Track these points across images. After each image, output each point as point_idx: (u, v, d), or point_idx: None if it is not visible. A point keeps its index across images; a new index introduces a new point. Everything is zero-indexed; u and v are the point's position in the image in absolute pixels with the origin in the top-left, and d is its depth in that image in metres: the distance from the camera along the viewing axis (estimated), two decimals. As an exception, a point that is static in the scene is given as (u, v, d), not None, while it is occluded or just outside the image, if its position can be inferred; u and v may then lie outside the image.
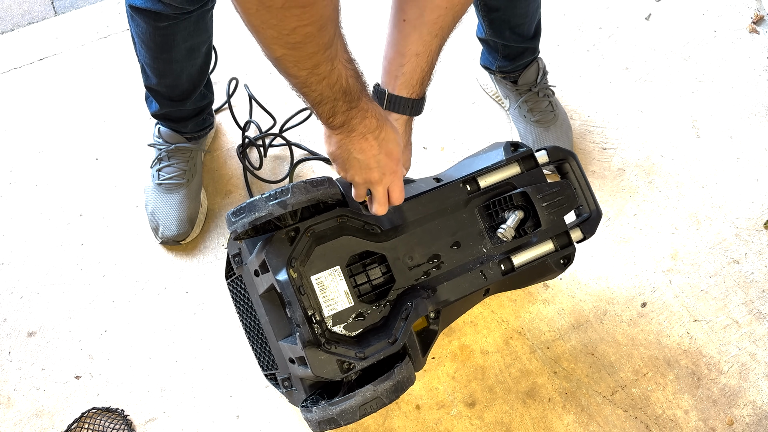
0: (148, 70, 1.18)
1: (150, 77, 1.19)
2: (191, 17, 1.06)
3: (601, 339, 1.23)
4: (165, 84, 1.19)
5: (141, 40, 1.11)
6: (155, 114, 1.27)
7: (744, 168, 1.39)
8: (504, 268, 1.01)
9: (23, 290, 1.27)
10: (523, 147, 1.05)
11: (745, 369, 1.20)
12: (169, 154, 1.30)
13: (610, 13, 1.61)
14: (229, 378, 1.19)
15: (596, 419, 1.16)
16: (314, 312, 0.90)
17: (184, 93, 1.22)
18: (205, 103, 1.30)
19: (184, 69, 1.16)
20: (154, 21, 1.04)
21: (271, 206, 0.87)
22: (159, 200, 1.29)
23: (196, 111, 1.29)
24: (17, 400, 1.17)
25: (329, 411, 0.88)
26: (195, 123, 1.31)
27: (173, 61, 1.13)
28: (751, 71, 1.52)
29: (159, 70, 1.16)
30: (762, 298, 1.26)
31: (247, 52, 1.51)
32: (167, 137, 1.30)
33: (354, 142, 0.82)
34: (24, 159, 1.41)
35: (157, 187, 1.30)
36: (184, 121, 1.29)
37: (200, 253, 1.30)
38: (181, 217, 1.28)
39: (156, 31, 1.07)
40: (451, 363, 1.20)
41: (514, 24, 1.27)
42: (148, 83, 1.21)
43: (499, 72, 1.39)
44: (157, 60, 1.13)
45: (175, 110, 1.25)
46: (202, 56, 1.18)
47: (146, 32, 1.08)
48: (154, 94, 1.23)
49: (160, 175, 1.30)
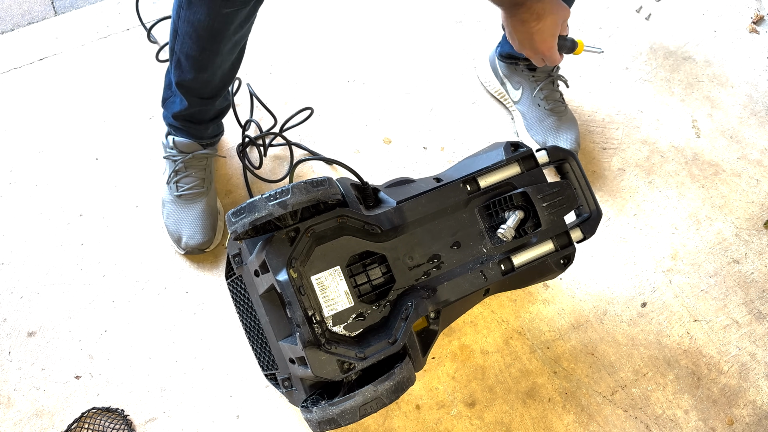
0: (187, 64, 1.14)
1: (186, 72, 1.15)
2: (249, 5, 1.05)
3: (601, 339, 1.23)
4: (201, 79, 1.16)
5: (194, 28, 1.07)
6: (178, 114, 1.24)
7: (744, 168, 1.39)
8: (504, 268, 1.01)
9: (23, 290, 1.27)
10: (523, 147, 1.05)
11: (745, 369, 1.20)
12: (186, 164, 1.29)
13: (610, 13, 1.61)
14: (229, 378, 1.19)
15: (596, 419, 1.16)
16: (314, 312, 0.90)
17: (214, 90, 1.20)
18: (225, 105, 1.29)
19: (223, 63, 1.14)
20: (219, 7, 1.02)
21: (271, 206, 0.87)
22: (180, 212, 1.28)
23: (218, 113, 1.28)
24: (17, 400, 1.17)
25: (329, 411, 0.88)
26: (214, 126, 1.30)
27: (219, 53, 1.11)
28: (751, 71, 1.52)
29: (201, 63, 1.13)
30: (762, 298, 1.26)
31: (247, 52, 1.51)
32: (183, 147, 1.28)
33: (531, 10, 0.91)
34: (24, 159, 1.40)
35: (177, 200, 1.29)
36: (205, 124, 1.27)
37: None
38: (205, 226, 1.27)
39: (217, 17, 1.04)
40: (451, 363, 1.20)
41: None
42: (182, 79, 1.17)
43: (525, 59, 1.40)
44: (204, 51, 1.10)
45: (201, 110, 1.23)
46: (238, 52, 1.16)
47: (204, 19, 1.05)
48: (185, 90, 1.19)
49: (179, 186, 1.29)
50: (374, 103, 1.49)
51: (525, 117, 1.42)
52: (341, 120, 1.46)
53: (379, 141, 1.44)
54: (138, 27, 1.57)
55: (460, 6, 1.61)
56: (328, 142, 1.43)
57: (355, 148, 1.43)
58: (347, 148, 1.43)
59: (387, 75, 1.53)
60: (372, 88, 1.51)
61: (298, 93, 1.49)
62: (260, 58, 1.52)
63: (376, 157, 1.42)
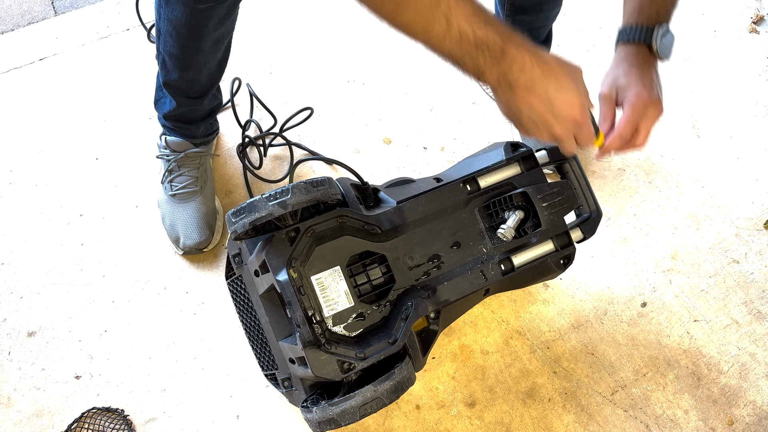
0: (170, 63, 1.15)
1: (171, 72, 1.16)
2: (226, 2, 1.05)
3: (601, 339, 1.23)
4: (186, 78, 1.17)
5: (173, 26, 1.08)
6: (168, 115, 1.25)
7: (744, 168, 1.39)
8: (504, 268, 1.01)
9: (23, 290, 1.27)
10: (523, 147, 1.05)
11: (745, 369, 1.20)
12: (179, 163, 1.29)
13: (610, 13, 1.61)
14: (229, 378, 1.19)
15: (596, 419, 1.16)
16: (314, 312, 0.90)
17: (201, 89, 1.20)
18: (216, 104, 1.29)
19: (207, 61, 1.15)
20: (194, 3, 1.03)
21: (271, 206, 0.87)
22: (175, 211, 1.29)
23: (209, 112, 1.28)
24: (17, 400, 1.17)
25: (329, 411, 0.88)
26: (206, 125, 1.30)
27: (201, 51, 1.12)
28: (751, 71, 1.52)
29: (184, 62, 1.14)
30: (762, 298, 1.26)
31: (247, 52, 1.51)
32: (175, 146, 1.28)
33: (520, 98, 0.72)
34: (24, 159, 1.41)
35: (171, 199, 1.29)
36: (196, 123, 1.28)
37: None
38: (201, 225, 1.27)
39: (193, 14, 1.05)
40: (451, 363, 1.20)
41: (534, 26, 1.27)
42: (168, 78, 1.18)
43: None
44: (185, 49, 1.11)
45: (190, 110, 1.24)
46: (223, 50, 1.17)
47: (182, 16, 1.06)
48: (172, 90, 1.20)
49: (173, 186, 1.29)
50: (374, 103, 1.49)
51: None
52: (341, 120, 1.47)
53: (379, 141, 1.44)
54: (138, 27, 1.57)
55: (460, 6, 1.61)
56: (328, 142, 1.43)
57: (355, 148, 1.43)
58: (347, 148, 1.43)
59: (387, 75, 1.53)
60: (372, 88, 1.51)
61: (298, 93, 1.49)
62: (260, 58, 1.52)
63: (376, 157, 1.42)
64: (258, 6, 1.61)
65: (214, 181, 1.38)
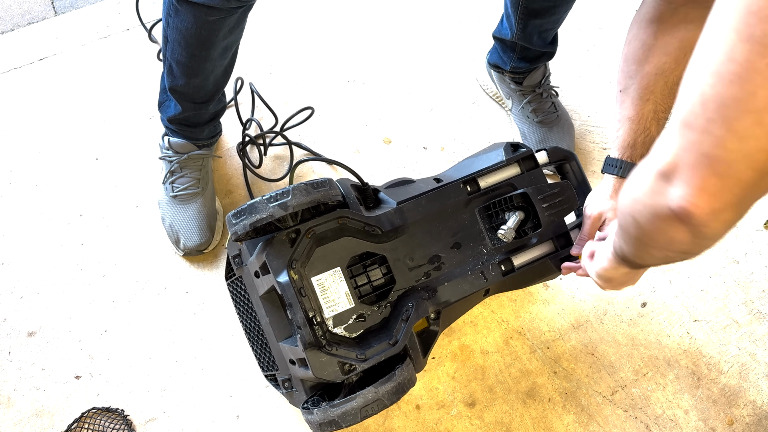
0: (178, 70, 1.14)
1: (178, 77, 1.16)
2: (237, 13, 1.05)
3: (601, 339, 1.23)
4: (193, 84, 1.16)
5: (182, 36, 1.08)
6: (173, 119, 1.25)
7: (744, 168, 1.39)
8: (504, 269, 1.01)
9: (23, 290, 1.27)
10: (523, 147, 1.05)
11: (745, 369, 1.20)
12: (181, 164, 1.29)
13: (610, 13, 1.61)
14: (229, 378, 1.19)
15: (596, 419, 1.16)
16: (315, 313, 0.90)
17: (207, 94, 1.20)
18: (221, 107, 1.29)
19: (215, 68, 1.15)
20: (205, 15, 1.02)
21: (271, 208, 0.87)
22: (176, 212, 1.28)
23: (213, 115, 1.28)
24: (17, 400, 1.17)
25: (330, 413, 0.88)
26: (210, 128, 1.30)
27: (209, 59, 1.11)
28: (751, 71, 1.52)
29: (192, 69, 1.13)
30: (762, 298, 1.26)
31: (247, 52, 1.51)
32: (178, 147, 1.28)
33: (639, 272, 0.85)
34: (24, 159, 1.40)
35: (172, 200, 1.29)
36: (200, 127, 1.27)
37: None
38: (201, 226, 1.27)
39: (203, 25, 1.04)
40: (451, 363, 1.20)
41: (544, 29, 1.28)
42: (174, 84, 1.17)
43: (511, 72, 1.39)
44: (193, 58, 1.11)
45: (195, 114, 1.23)
46: (230, 57, 1.16)
47: (192, 27, 1.05)
48: (178, 96, 1.20)
49: (174, 187, 1.29)
50: (374, 103, 1.49)
51: (518, 126, 1.42)
52: (341, 120, 1.46)
53: (379, 141, 1.44)
54: (138, 27, 1.57)
55: (460, 6, 1.61)
56: (328, 142, 1.43)
57: (355, 148, 1.43)
58: (347, 148, 1.43)
59: (387, 75, 1.53)
60: (372, 88, 1.51)
61: (298, 93, 1.49)
62: (260, 58, 1.52)
63: (376, 157, 1.42)
64: (258, 6, 1.61)
65: (214, 181, 1.38)
